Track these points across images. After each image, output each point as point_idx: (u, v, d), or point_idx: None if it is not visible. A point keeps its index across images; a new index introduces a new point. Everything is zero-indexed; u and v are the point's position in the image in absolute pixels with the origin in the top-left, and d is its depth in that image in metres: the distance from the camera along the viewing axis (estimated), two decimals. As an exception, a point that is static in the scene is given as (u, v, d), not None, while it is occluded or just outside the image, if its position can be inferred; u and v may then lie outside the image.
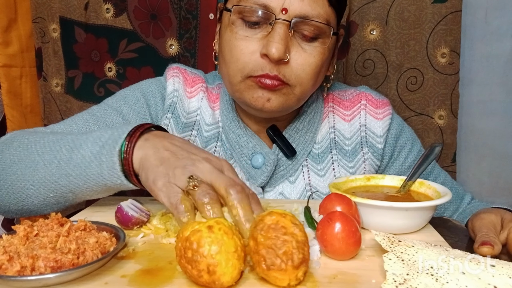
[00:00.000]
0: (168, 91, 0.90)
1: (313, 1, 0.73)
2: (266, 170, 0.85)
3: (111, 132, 0.67)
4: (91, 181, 0.66)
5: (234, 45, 0.76)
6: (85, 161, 0.66)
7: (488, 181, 1.29)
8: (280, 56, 0.71)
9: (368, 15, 1.20)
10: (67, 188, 0.68)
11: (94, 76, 1.31)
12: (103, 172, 0.65)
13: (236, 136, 0.87)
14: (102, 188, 0.67)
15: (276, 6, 0.72)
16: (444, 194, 0.64)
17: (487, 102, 1.26)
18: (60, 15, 1.29)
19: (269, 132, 0.86)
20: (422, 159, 0.70)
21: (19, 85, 1.34)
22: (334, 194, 0.63)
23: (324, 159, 0.89)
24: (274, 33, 0.72)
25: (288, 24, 0.72)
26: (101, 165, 0.65)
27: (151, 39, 1.27)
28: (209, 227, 0.46)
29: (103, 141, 0.66)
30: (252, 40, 0.74)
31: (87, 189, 0.67)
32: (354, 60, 1.23)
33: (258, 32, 0.75)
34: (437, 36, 1.18)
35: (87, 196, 0.70)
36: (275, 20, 0.72)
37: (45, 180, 0.68)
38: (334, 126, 0.91)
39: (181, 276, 0.49)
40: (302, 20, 0.73)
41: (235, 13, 0.75)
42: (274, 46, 0.71)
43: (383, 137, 0.89)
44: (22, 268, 0.46)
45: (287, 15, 0.72)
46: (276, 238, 0.45)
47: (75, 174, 0.66)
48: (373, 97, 0.91)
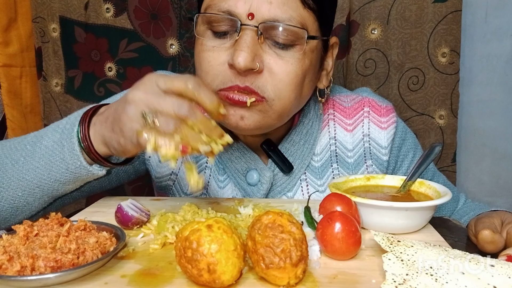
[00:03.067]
0: None
1: (283, 4, 0.66)
2: (262, 188, 0.81)
3: (67, 118, 0.68)
4: (55, 169, 0.67)
5: (203, 57, 0.70)
6: (48, 150, 0.67)
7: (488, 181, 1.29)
8: (246, 65, 0.65)
9: (369, 14, 1.20)
10: (33, 183, 0.68)
11: (94, 76, 1.31)
12: (65, 156, 0.66)
13: (227, 150, 0.82)
14: (66, 177, 0.67)
15: (242, 12, 0.66)
16: (444, 194, 0.64)
17: (487, 102, 1.26)
18: (60, 14, 1.29)
19: (264, 147, 0.81)
20: (422, 159, 0.70)
21: (19, 85, 1.34)
22: (334, 194, 0.63)
23: (325, 173, 0.84)
24: (240, 41, 0.66)
25: (256, 30, 0.66)
26: (63, 150, 0.66)
27: (151, 38, 1.26)
28: (208, 226, 0.46)
29: (61, 127, 0.67)
30: (220, 50, 0.69)
31: (51, 179, 0.68)
32: (355, 60, 1.23)
33: (227, 41, 0.69)
34: (437, 36, 1.18)
35: (54, 189, 0.70)
36: (241, 27, 0.66)
37: (14, 178, 0.69)
38: (335, 137, 0.85)
39: (181, 276, 0.49)
40: (271, 25, 0.66)
41: (202, 24, 0.71)
42: (240, 55, 0.64)
43: (388, 148, 0.84)
44: (22, 268, 0.46)
45: (254, 20, 0.66)
46: (274, 237, 0.45)
47: (40, 166, 0.67)
48: (377, 103, 0.86)
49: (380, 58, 1.22)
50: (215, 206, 0.75)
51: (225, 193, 0.85)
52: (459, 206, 0.93)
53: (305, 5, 0.68)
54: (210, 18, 0.69)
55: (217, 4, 0.68)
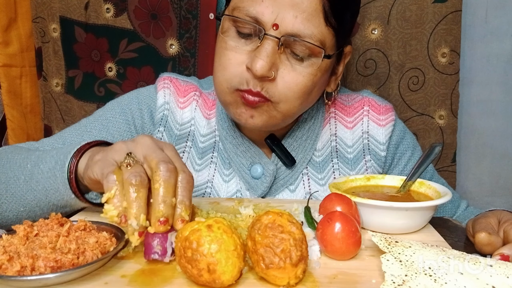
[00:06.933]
0: (159, 104, 0.88)
1: (307, 20, 0.69)
2: (265, 180, 0.84)
3: (66, 148, 0.68)
4: (51, 196, 0.67)
5: (224, 54, 0.74)
6: (44, 176, 0.67)
7: (488, 181, 1.29)
8: (263, 74, 0.69)
9: (369, 14, 1.20)
10: (33, 202, 0.69)
11: (94, 76, 1.31)
12: (59, 187, 0.66)
13: (233, 146, 0.86)
14: (62, 203, 0.68)
15: (268, 20, 0.69)
16: (444, 194, 0.64)
17: (487, 102, 1.26)
18: (60, 14, 1.29)
19: (268, 141, 0.84)
20: (422, 159, 0.70)
21: (19, 85, 1.34)
22: (334, 194, 0.63)
23: (325, 168, 0.88)
24: (261, 49, 0.70)
25: (278, 41, 0.70)
26: (56, 181, 0.66)
27: (151, 39, 1.26)
28: (208, 226, 0.46)
29: (57, 156, 0.67)
30: (241, 52, 0.73)
31: (49, 203, 0.68)
32: (355, 60, 1.23)
33: (249, 43, 0.73)
34: (437, 36, 1.18)
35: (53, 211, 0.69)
36: (264, 35, 0.70)
37: (16, 195, 0.69)
38: (335, 133, 0.89)
39: (181, 276, 0.49)
40: (292, 39, 0.70)
41: (228, 22, 0.74)
42: (258, 62, 0.69)
43: (386, 144, 0.87)
44: (22, 268, 0.46)
45: (278, 31, 0.69)
46: (274, 237, 0.45)
47: (38, 189, 0.68)
48: (376, 103, 0.89)
49: (381, 58, 1.22)
50: (215, 206, 0.75)
51: (230, 186, 0.87)
52: (459, 211, 0.93)
53: (327, 22, 0.71)
54: (236, 19, 0.72)
55: (245, 8, 0.71)
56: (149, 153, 0.55)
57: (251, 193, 0.85)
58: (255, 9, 0.70)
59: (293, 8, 0.69)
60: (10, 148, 0.81)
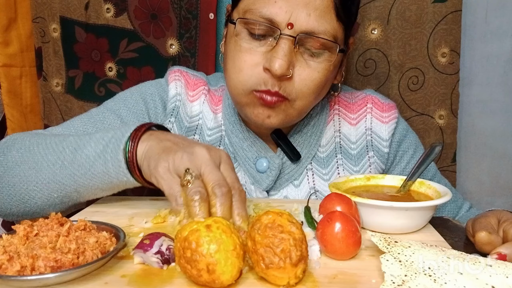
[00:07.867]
0: (170, 95, 0.90)
1: (320, 17, 0.71)
2: (271, 174, 0.84)
3: (113, 132, 0.68)
4: (96, 179, 0.67)
5: (238, 57, 0.75)
6: (89, 160, 0.67)
7: (488, 181, 1.29)
8: (283, 73, 0.71)
9: (369, 14, 1.20)
10: (72, 187, 0.69)
11: (94, 76, 1.31)
12: (109, 170, 0.66)
13: (239, 140, 0.86)
14: (108, 185, 0.68)
15: (282, 20, 0.71)
16: (444, 194, 0.64)
17: (487, 102, 1.26)
18: (61, 14, 1.29)
19: (274, 136, 0.85)
20: (422, 158, 0.70)
21: (19, 85, 1.34)
22: (334, 194, 0.63)
23: (329, 163, 0.89)
24: (278, 49, 0.71)
25: (293, 39, 0.71)
26: (106, 164, 0.66)
27: (151, 39, 1.26)
28: (207, 226, 0.46)
29: (106, 140, 0.67)
30: (256, 53, 0.74)
31: (92, 187, 0.68)
32: (355, 60, 1.23)
33: (263, 44, 0.73)
34: (437, 36, 1.18)
35: (92, 195, 0.71)
36: (280, 35, 0.71)
37: (49, 181, 0.69)
38: (339, 130, 0.90)
39: (181, 276, 0.49)
40: (308, 36, 0.71)
41: (238, 23, 0.74)
42: (277, 62, 0.70)
43: (388, 141, 0.89)
44: (22, 268, 0.46)
45: (293, 30, 0.71)
46: (274, 237, 0.45)
47: (80, 174, 0.68)
48: (379, 100, 0.91)
49: (380, 58, 1.22)
50: (215, 206, 0.75)
51: None
52: (462, 212, 0.93)
53: (338, 18, 0.73)
54: (249, 21, 0.72)
55: (258, 9, 0.71)
56: (206, 172, 0.59)
57: (256, 187, 0.86)
58: (268, 10, 0.71)
59: (306, 7, 0.70)
60: (23, 134, 0.79)
